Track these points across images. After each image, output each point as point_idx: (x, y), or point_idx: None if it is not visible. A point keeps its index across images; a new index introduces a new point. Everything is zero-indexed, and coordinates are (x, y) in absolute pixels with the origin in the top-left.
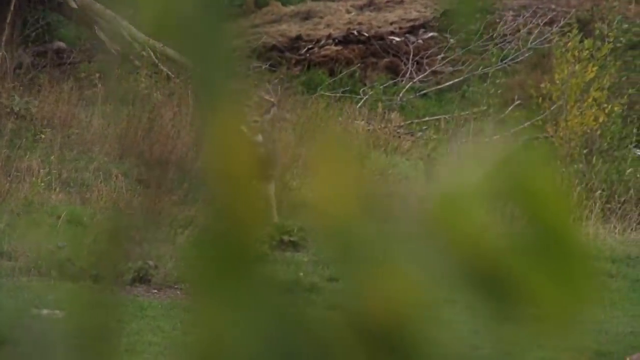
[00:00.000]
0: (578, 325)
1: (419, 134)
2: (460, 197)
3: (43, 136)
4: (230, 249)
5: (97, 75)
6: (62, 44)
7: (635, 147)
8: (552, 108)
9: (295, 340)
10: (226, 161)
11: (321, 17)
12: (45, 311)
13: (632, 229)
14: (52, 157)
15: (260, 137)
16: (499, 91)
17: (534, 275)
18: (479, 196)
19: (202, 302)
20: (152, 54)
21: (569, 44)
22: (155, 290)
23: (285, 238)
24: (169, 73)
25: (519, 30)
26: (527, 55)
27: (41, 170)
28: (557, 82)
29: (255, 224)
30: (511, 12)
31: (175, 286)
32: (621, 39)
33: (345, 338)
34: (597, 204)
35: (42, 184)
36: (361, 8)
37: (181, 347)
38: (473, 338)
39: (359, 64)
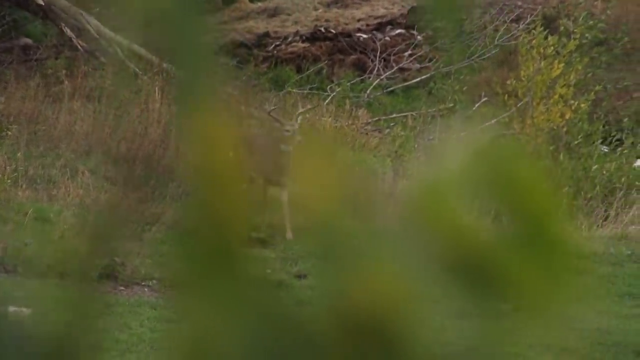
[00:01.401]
0: (560, 320)
1: (387, 130)
2: (441, 191)
3: (9, 133)
4: (221, 247)
5: (64, 71)
6: (28, 41)
7: (601, 143)
8: (518, 105)
9: (282, 337)
10: (209, 163)
11: (288, 14)
12: (12, 309)
13: (598, 226)
14: (18, 154)
15: (286, 146)
16: (465, 88)
17: (516, 268)
18: (460, 189)
19: (188, 301)
20: (119, 50)
21: (534, 40)
22: (122, 287)
23: (253, 235)
24: (136, 70)
25: (485, 27)
26: (493, 52)
27: (7, 167)
28: (523, 78)
29: (246, 224)
30: (478, 9)
31: (142, 283)
32: (587, 35)
33: (329, 333)
34: (563, 201)
35: (9, 181)
36: (328, 5)
37: (169, 345)
38: (449, 333)
39: (326, 61)
